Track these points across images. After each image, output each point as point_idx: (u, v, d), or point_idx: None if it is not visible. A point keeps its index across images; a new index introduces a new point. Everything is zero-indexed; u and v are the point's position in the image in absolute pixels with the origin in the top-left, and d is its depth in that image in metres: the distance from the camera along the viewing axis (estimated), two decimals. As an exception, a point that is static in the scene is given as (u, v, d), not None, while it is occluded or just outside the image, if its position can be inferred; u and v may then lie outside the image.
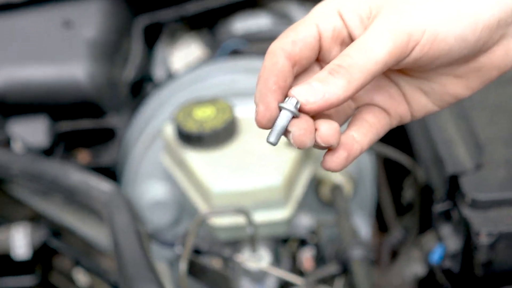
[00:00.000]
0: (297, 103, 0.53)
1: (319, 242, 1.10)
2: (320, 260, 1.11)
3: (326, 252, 1.11)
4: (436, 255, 0.98)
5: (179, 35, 1.43)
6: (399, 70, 0.60)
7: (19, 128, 1.19)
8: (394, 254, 1.18)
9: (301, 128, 0.53)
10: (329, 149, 0.55)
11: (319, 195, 1.12)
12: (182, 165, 1.05)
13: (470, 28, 0.54)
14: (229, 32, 1.37)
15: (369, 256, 0.98)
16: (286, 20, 1.40)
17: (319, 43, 0.56)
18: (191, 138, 1.04)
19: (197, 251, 0.97)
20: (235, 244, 1.04)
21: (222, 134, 1.04)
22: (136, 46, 1.33)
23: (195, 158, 1.03)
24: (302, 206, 1.08)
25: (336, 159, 0.54)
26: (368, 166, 1.17)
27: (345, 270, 0.99)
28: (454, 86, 0.59)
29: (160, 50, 1.41)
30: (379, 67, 0.53)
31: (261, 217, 1.00)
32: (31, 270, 1.20)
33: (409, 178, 1.17)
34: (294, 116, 0.53)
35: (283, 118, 0.53)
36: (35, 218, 1.20)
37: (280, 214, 1.01)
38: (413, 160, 1.15)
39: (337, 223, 1.05)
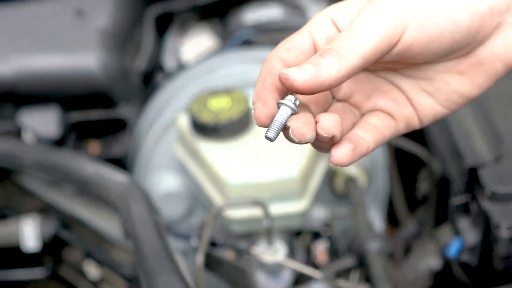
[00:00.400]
0: (295, 100, 0.54)
1: (332, 235, 1.09)
2: (333, 253, 1.11)
3: (339, 245, 1.10)
4: (453, 249, 0.97)
5: (189, 25, 1.42)
6: (400, 72, 0.60)
7: (30, 118, 1.18)
8: (407, 248, 1.17)
9: (300, 121, 0.53)
10: (334, 144, 0.55)
11: (333, 187, 1.11)
12: (196, 156, 1.04)
13: (460, 12, 0.55)
14: (240, 22, 1.36)
15: (386, 248, 0.97)
16: (298, 11, 1.38)
17: (314, 49, 0.57)
18: (206, 129, 1.02)
19: (212, 244, 0.96)
20: (250, 236, 1.03)
21: (237, 125, 1.02)
22: (148, 35, 1.32)
23: (210, 149, 1.02)
24: (316, 198, 1.07)
25: (343, 150, 0.55)
26: (381, 158, 1.16)
27: (362, 263, 0.98)
28: (459, 84, 0.59)
29: (170, 39, 1.40)
30: (370, 51, 0.53)
31: (277, 209, 0.99)
32: (40, 262, 1.19)
33: (424, 170, 1.16)
34: (293, 113, 0.54)
35: (282, 114, 0.54)
36: (45, 210, 1.19)
37: (296, 206, 1.00)
38: (428, 151, 1.14)
39: (352, 215, 1.04)
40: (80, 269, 1.18)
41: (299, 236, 1.09)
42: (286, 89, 0.55)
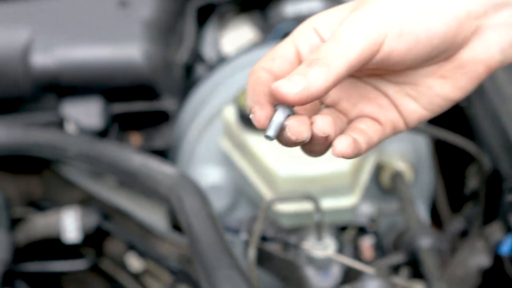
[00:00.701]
0: None
1: (378, 231, 1.08)
2: (378, 248, 1.09)
3: (385, 241, 1.09)
4: (506, 246, 0.96)
5: (229, 17, 1.41)
6: (385, 77, 0.61)
7: (73, 109, 1.17)
8: (454, 246, 1.16)
9: (296, 120, 0.55)
10: (331, 141, 0.57)
11: (379, 182, 1.10)
12: (243, 149, 1.03)
13: (435, 19, 0.56)
14: (281, 15, 1.34)
15: (438, 245, 0.96)
16: (337, 3, 1.37)
17: (297, 58, 0.58)
18: (254, 122, 1.01)
19: (262, 238, 0.94)
20: (298, 230, 1.01)
21: (287, 118, 1.01)
22: (190, 27, 1.30)
23: (258, 142, 1.01)
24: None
25: (344, 140, 0.56)
26: (426, 153, 1.14)
27: (412, 259, 0.96)
28: (441, 87, 0.60)
29: (210, 31, 1.39)
30: (355, 59, 0.54)
31: (327, 203, 0.98)
32: (81, 254, 1.19)
33: (473, 166, 1.14)
34: (290, 115, 0.56)
35: (280, 114, 0.56)
36: (87, 201, 1.18)
37: (346, 201, 0.99)
38: (477, 146, 1.11)
39: (400, 211, 1.03)
40: (121, 262, 1.18)
41: (344, 231, 1.08)
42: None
